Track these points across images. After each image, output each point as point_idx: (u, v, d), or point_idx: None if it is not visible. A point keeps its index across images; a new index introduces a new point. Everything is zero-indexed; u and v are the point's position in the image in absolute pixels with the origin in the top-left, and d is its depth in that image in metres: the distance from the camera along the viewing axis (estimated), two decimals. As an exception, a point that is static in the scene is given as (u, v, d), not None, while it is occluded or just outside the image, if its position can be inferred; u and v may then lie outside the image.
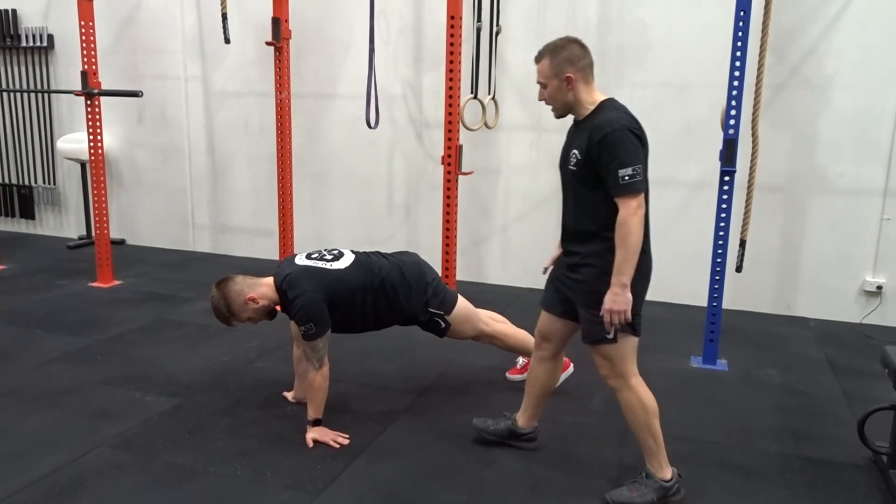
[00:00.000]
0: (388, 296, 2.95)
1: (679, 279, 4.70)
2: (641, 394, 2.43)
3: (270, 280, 2.89)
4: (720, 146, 3.52)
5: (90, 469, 2.62)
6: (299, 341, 2.95)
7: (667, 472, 2.46)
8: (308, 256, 2.95)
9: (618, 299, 2.26)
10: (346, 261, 2.94)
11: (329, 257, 2.94)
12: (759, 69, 3.53)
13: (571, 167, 2.35)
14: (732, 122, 3.46)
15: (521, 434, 2.82)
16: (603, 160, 2.24)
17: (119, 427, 2.95)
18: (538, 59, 2.38)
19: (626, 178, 2.21)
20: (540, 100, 2.43)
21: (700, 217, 4.56)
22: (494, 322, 3.28)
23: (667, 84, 4.61)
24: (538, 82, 2.40)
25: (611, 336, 2.34)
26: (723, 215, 3.58)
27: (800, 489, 2.58)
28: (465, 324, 3.14)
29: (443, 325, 3.06)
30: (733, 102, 3.44)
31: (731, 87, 3.43)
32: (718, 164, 3.55)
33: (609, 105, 2.35)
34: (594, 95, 2.38)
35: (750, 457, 2.80)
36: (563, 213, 2.49)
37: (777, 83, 4.36)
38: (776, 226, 4.55)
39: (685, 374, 3.64)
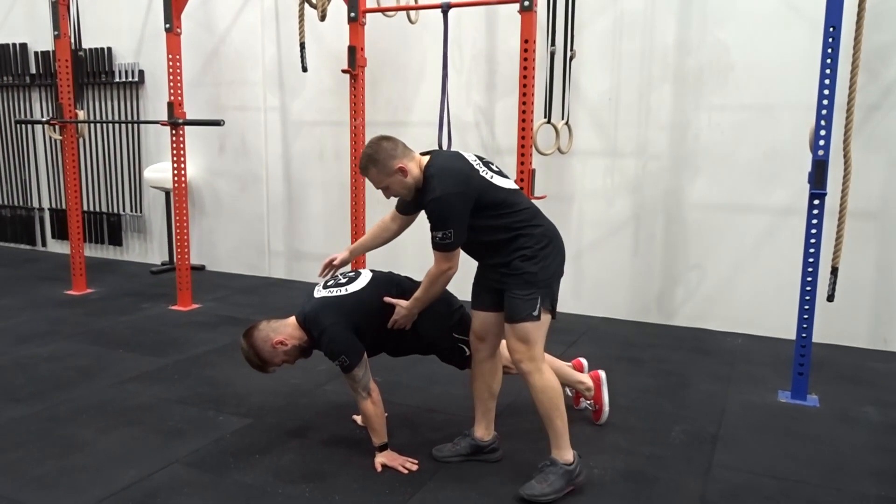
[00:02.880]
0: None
1: (765, 310, 4.47)
2: (551, 376, 2.58)
3: (293, 320, 2.85)
4: (808, 170, 3.35)
5: (163, 485, 2.64)
6: None
7: (569, 455, 2.56)
8: (325, 286, 2.90)
9: (406, 316, 2.76)
10: (363, 281, 2.87)
11: (344, 280, 2.88)
12: (850, 88, 3.35)
13: None
14: (822, 142, 3.29)
15: (483, 447, 2.85)
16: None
17: (192, 445, 2.98)
18: (365, 173, 2.61)
19: (437, 238, 2.51)
20: (388, 197, 2.70)
21: (787, 245, 4.34)
22: None
23: (749, 106, 4.45)
24: (379, 188, 2.63)
25: (535, 313, 2.49)
26: (812, 241, 3.38)
27: (906, 537, 2.36)
28: None
29: (467, 352, 2.93)
30: (822, 122, 3.27)
31: (819, 107, 3.27)
32: (805, 189, 3.38)
33: (429, 175, 2.55)
34: (421, 163, 2.61)
35: (847, 499, 2.59)
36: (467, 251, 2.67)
37: (869, 103, 4.13)
38: (870, 254, 4.28)
39: (773, 409, 3.42)
